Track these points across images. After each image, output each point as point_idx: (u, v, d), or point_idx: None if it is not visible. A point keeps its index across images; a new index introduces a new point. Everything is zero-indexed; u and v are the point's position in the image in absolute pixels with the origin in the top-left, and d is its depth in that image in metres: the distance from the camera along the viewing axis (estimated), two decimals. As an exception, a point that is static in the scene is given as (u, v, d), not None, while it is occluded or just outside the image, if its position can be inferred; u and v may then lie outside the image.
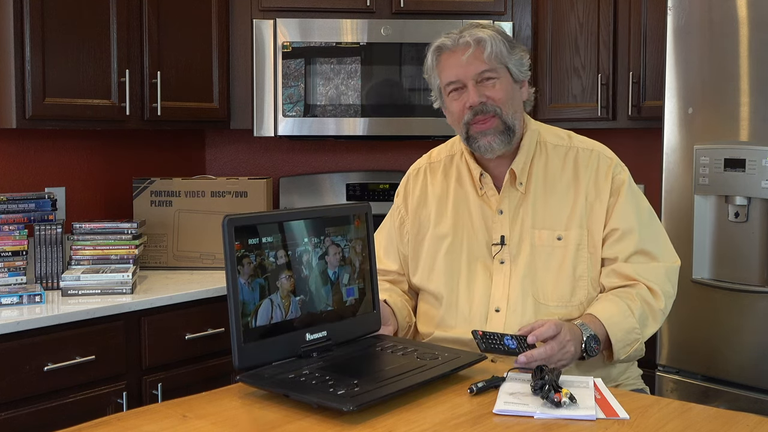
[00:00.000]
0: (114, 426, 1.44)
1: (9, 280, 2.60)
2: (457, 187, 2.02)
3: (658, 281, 1.90)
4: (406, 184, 2.13)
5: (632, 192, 1.94)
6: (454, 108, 1.93)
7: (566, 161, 1.95)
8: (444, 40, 1.92)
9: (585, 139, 2.00)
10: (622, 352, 1.84)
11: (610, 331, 1.81)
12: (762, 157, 2.44)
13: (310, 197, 3.63)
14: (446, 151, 2.10)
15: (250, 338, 1.55)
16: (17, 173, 3.01)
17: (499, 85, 1.90)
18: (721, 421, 1.48)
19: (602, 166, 1.93)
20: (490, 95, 1.89)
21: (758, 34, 2.46)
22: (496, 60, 1.89)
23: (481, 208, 1.97)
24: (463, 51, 1.88)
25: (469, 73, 1.88)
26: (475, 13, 3.32)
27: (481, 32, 1.89)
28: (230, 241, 1.53)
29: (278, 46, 3.22)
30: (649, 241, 1.92)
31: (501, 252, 1.93)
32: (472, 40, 1.88)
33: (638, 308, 1.85)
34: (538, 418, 1.46)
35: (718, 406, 2.38)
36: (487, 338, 1.72)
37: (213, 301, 2.75)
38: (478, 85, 1.89)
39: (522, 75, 1.94)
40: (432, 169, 2.10)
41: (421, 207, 2.07)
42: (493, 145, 1.90)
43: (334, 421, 1.42)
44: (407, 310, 2.04)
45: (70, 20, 2.76)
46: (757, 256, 2.49)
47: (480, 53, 1.87)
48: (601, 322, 1.81)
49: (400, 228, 2.10)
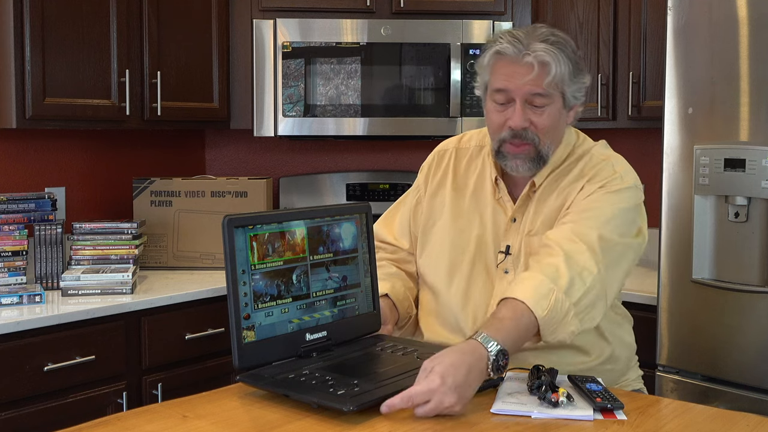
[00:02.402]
0: (114, 426, 1.44)
1: (9, 280, 2.60)
2: (477, 185, 1.95)
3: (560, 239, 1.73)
4: (431, 163, 2.04)
5: (612, 198, 1.79)
6: (494, 118, 1.82)
7: (576, 168, 1.87)
8: (507, 46, 1.75)
9: (607, 150, 1.91)
10: (540, 307, 1.62)
11: (514, 293, 1.64)
12: (762, 157, 2.44)
13: (310, 197, 3.63)
14: (476, 141, 2.01)
15: (249, 339, 1.56)
16: (17, 173, 3.01)
17: (548, 112, 1.78)
18: (721, 421, 1.48)
19: (604, 172, 1.84)
20: (535, 122, 1.77)
21: (758, 34, 2.46)
22: (554, 86, 1.76)
23: (496, 212, 1.90)
24: (523, 69, 1.74)
25: (521, 91, 1.75)
26: (475, 13, 3.32)
27: (548, 54, 1.73)
28: (230, 241, 1.53)
29: (278, 46, 3.22)
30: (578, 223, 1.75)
31: (505, 261, 1.87)
32: (536, 63, 1.72)
33: (539, 268, 1.70)
34: (535, 418, 1.46)
35: (718, 406, 2.37)
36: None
37: (213, 301, 2.75)
38: (526, 105, 1.77)
39: (575, 101, 1.83)
40: (459, 154, 2.01)
41: (438, 192, 1.99)
42: (520, 168, 1.81)
43: (334, 421, 1.42)
44: (409, 302, 1.99)
45: (70, 20, 2.76)
46: (757, 256, 2.49)
47: (540, 78, 1.73)
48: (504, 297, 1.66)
49: (416, 208, 2.03)
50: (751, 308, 2.48)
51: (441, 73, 3.24)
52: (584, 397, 1.53)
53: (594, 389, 1.54)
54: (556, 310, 1.64)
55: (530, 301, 1.63)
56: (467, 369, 1.48)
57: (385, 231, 2.08)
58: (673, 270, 2.64)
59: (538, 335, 1.66)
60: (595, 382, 1.57)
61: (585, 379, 1.59)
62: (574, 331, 1.68)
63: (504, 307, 1.64)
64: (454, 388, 1.45)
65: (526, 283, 1.67)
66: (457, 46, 3.22)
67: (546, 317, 1.63)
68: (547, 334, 1.65)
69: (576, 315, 1.67)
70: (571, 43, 1.81)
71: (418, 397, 1.45)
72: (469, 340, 1.55)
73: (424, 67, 3.24)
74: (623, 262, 1.79)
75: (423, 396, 1.45)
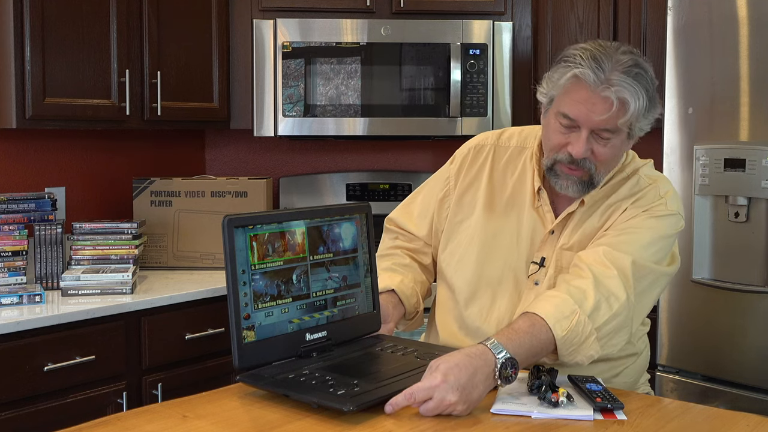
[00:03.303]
0: (114, 426, 1.44)
1: (9, 280, 2.60)
2: (516, 188, 1.87)
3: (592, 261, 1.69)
4: (465, 157, 1.95)
5: (653, 223, 1.75)
6: (554, 138, 1.74)
7: (622, 187, 1.81)
8: (587, 72, 1.64)
9: (654, 172, 1.85)
10: (559, 327, 1.60)
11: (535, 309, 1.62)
12: (762, 157, 2.44)
13: (310, 197, 3.63)
14: (518, 141, 1.92)
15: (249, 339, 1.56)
16: (17, 173, 3.01)
17: (612, 144, 1.71)
18: (721, 421, 1.48)
19: (650, 195, 1.78)
20: (597, 153, 1.70)
21: (758, 34, 2.46)
22: (626, 125, 1.68)
23: (533, 221, 1.83)
24: (600, 103, 1.65)
25: (591, 123, 1.67)
26: (475, 13, 3.32)
27: (628, 90, 1.63)
28: (230, 241, 1.53)
29: (278, 46, 3.22)
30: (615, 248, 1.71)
31: (537, 273, 1.81)
32: (615, 98, 1.63)
33: (565, 289, 1.67)
34: (535, 418, 1.46)
35: (718, 406, 2.38)
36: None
37: (213, 301, 2.75)
38: (592, 136, 1.69)
39: (640, 132, 1.74)
40: (498, 152, 1.92)
41: (471, 189, 1.92)
42: (570, 190, 1.75)
43: (334, 421, 1.42)
44: (417, 297, 1.94)
45: (70, 20, 2.76)
46: (757, 256, 2.49)
47: (616, 117, 1.65)
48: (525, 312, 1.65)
49: (443, 200, 1.96)
50: (751, 308, 2.48)
51: (441, 73, 3.24)
52: (584, 397, 1.53)
53: (594, 389, 1.54)
54: (576, 332, 1.61)
55: (551, 319, 1.60)
56: (472, 371, 1.47)
57: (404, 218, 2.03)
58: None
59: (555, 354, 1.64)
60: (595, 382, 1.57)
61: (585, 379, 1.59)
62: (593, 356, 1.65)
63: (522, 319, 1.62)
64: (456, 387, 1.44)
65: (550, 300, 1.65)
66: (457, 46, 3.22)
67: (565, 338, 1.60)
68: (564, 354, 1.63)
69: (598, 340, 1.64)
70: (650, 73, 1.70)
71: (420, 394, 1.45)
72: (478, 344, 1.54)
73: (424, 67, 3.24)
74: (654, 289, 1.76)
75: (424, 392, 1.45)
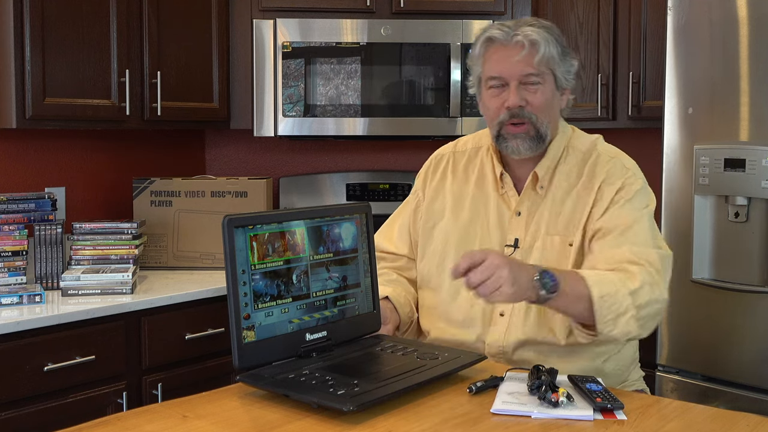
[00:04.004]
0: (114, 426, 1.44)
1: (9, 280, 2.60)
2: (478, 183, 1.99)
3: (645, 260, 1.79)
4: (428, 169, 2.09)
5: (636, 204, 1.85)
6: (491, 104, 1.88)
7: (586, 167, 1.90)
8: (496, 32, 1.85)
9: (610, 147, 1.95)
10: (600, 296, 1.66)
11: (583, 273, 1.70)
12: (762, 157, 2.44)
13: (310, 197, 3.63)
14: (473, 143, 2.06)
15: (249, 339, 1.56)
16: (17, 173, 3.01)
17: (542, 91, 1.85)
18: (721, 421, 1.48)
19: (616, 171, 1.88)
20: (530, 100, 1.84)
21: (758, 34, 2.46)
22: (544, 65, 1.83)
23: (499, 207, 1.94)
24: (513, 49, 1.82)
25: (514, 73, 1.83)
26: (475, 13, 3.32)
27: (536, 33, 1.82)
28: (230, 241, 1.53)
29: (278, 46, 3.22)
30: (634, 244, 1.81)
31: (513, 254, 1.89)
32: (526, 41, 1.81)
33: (615, 274, 1.74)
34: (535, 418, 1.46)
35: (718, 406, 2.38)
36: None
37: (213, 301, 2.75)
38: (520, 86, 1.84)
39: (566, 83, 1.90)
40: (456, 158, 2.06)
41: (438, 196, 2.04)
42: (521, 148, 1.86)
43: (334, 421, 1.42)
44: (410, 306, 2.01)
45: (70, 20, 2.76)
46: (757, 256, 2.49)
47: (531, 56, 1.81)
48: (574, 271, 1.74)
49: (415, 212, 2.07)
50: (751, 308, 2.49)
51: (441, 73, 3.24)
52: (584, 397, 1.53)
53: (594, 389, 1.54)
54: (614, 301, 1.68)
55: (591, 278, 1.68)
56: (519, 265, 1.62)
57: (385, 241, 2.11)
58: (673, 270, 2.64)
59: (593, 330, 1.70)
60: (595, 382, 1.57)
61: (585, 379, 1.59)
62: (631, 333, 1.72)
63: (566, 275, 1.69)
64: (507, 263, 1.57)
65: (596, 272, 1.73)
66: (457, 46, 3.22)
67: (602, 300, 1.67)
68: (602, 323, 1.68)
69: (636, 319, 1.71)
70: (556, 29, 1.89)
71: (477, 255, 1.57)
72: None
73: (424, 67, 3.24)
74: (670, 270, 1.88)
75: (480, 254, 1.58)
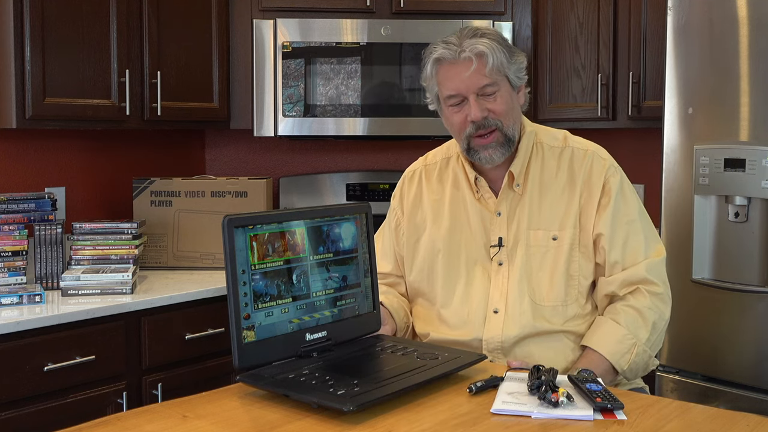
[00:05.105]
0: (114, 426, 1.44)
1: (9, 280, 2.60)
2: (454, 191, 2.03)
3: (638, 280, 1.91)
4: (402, 187, 2.14)
5: (623, 196, 1.93)
6: (454, 119, 1.92)
7: (561, 162, 1.96)
8: (444, 51, 1.88)
9: (580, 140, 2.01)
10: (623, 361, 1.84)
11: (598, 347, 1.84)
12: (762, 157, 2.44)
13: (310, 197, 3.63)
14: (442, 154, 2.10)
15: (250, 339, 1.56)
16: (17, 173, 3.01)
17: (500, 96, 1.89)
18: (721, 421, 1.48)
19: (596, 167, 1.93)
20: (492, 108, 1.88)
21: (758, 34, 2.46)
22: (496, 72, 1.87)
23: (479, 210, 1.98)
24: (463, 65, 1.86)
25: (470, 87, 1.87)
26: (475, 13, 3.32)
27: (481, 44, 1.85)
28: (230, 241, 1.53)
29: (278, 46, 3.22)
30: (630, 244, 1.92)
31: (499, 253, 1.94)
32: (473, 55, 1.85)
33: (623, 318, 1.87)
34: (535, 418, 1.46)
35: (718, 406, 2.38)
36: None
37: (213, 301, 2.75)
38: (479, 98, 1.87)
39: (520, 81, 1.94)
40: (428, 171, 2.10)
41: (417, 210, 2.07)
42: (494, 157, 1.90)
43: (334, 421, 1.42)
44: (404, 311, 2.04)
45: (70, 20, 2.76)
46: (757, 256, 2.49)
47: (482, 67, 1.85)
48: (589, 347, 1.86)
49: (396, 230, 2.11)
50: (750, 308, 2.49)
51: (441, 73, 3.23)
52: (584, 397, 1.53)
53: (594, 389, 1.54)
54: (637, 362, 1.87)
55: (613, 357, 1.84)
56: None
57: None
58: (673, 270, 2.63)
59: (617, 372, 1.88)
60: (595, 382, 1.57)
61: (585, 379, 1.59)
62: (649, 366, 1.93)
63: (585, 359, 1.85)
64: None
65: (609, 337, 1.86)
66: (457, 46, 3.22)
67: (627, 369, 1.86)
68: (630, 377, 1.90)
69: (651, 354, 1.91)
70: (498, 32, 1.94)
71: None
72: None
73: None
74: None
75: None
